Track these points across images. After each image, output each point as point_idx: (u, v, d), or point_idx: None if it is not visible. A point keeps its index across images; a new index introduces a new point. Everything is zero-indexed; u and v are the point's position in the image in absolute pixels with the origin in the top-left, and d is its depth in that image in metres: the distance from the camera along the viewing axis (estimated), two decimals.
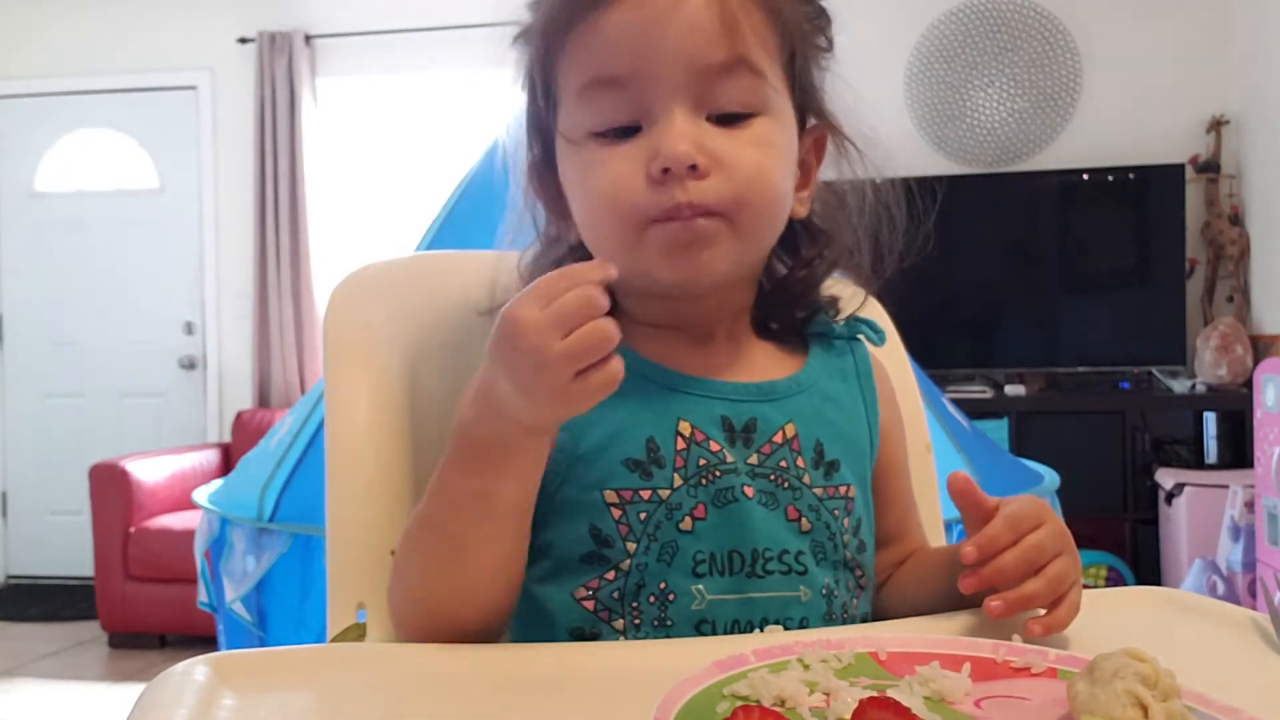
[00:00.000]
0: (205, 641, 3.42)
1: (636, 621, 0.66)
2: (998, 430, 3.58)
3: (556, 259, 0.75)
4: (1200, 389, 3.69)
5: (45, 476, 4.77)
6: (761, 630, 0.66)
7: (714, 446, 0.69)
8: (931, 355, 3.71)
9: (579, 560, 0.67)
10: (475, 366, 0.66)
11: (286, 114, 4.48)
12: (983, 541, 0.61)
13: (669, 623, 0.66)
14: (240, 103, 4.61)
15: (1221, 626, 0.61)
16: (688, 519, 0.67)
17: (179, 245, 4.73)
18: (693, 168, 0.64)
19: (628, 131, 0.67)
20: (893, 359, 0.89)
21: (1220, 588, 2.95)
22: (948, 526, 0.94)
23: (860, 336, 0.79)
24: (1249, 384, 3.45)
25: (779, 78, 0.70)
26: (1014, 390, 3.83)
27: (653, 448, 0.68)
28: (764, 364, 0.75)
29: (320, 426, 2.00)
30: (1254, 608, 0.91)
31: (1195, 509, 3.30)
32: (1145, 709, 0.43)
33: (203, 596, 2.35)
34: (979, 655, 0.54)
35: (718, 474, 0.68)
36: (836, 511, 0.71)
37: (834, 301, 0.79)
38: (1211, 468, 3.63)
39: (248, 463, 2.44)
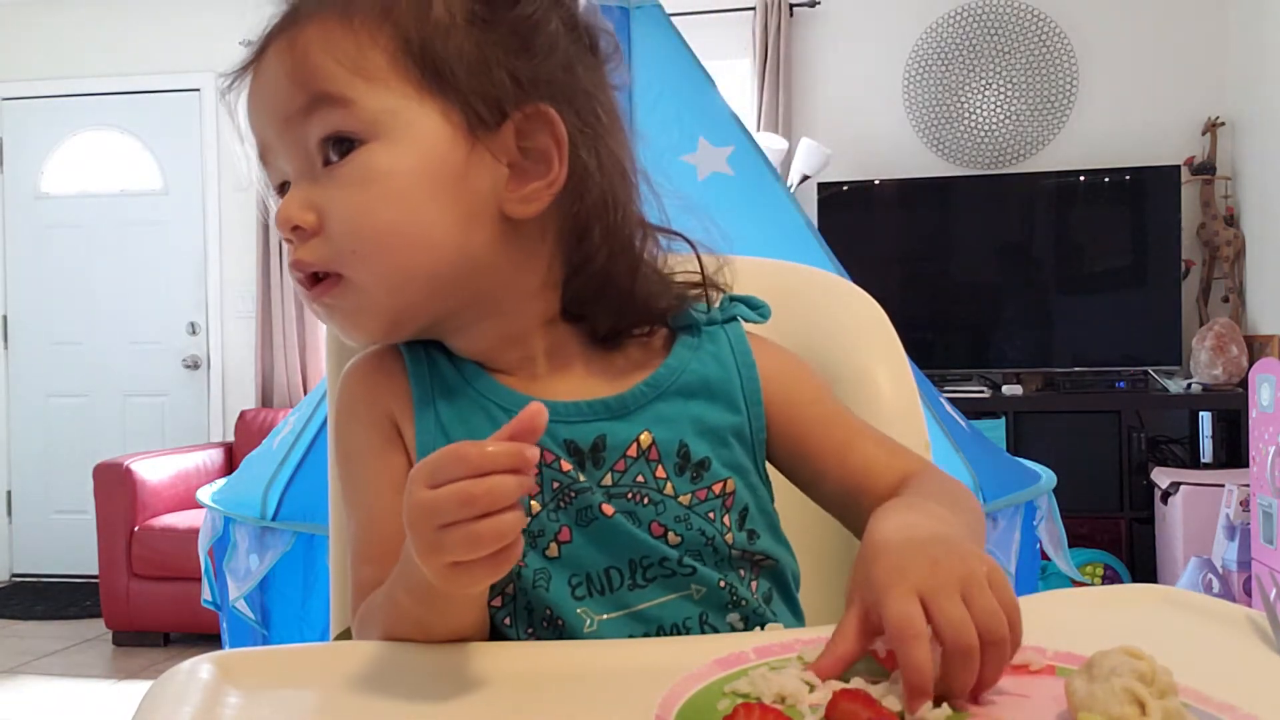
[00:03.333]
0: (209, 640, 3.43)
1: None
2: (995, 430, 3.60)
3: None
4: (1196, 389, 3.70)
5: (50, 475, 4.78)
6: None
7: (565, 466, 0.65)
8: (929, 355, 3.74)
9: None
10: None
11: None
12: (913, 681, 0.46)
13: None
14: None
15: (1218, 624, 0.61)
16: (553, 545, 0.65)
17: (183, 246, 4.74)
18: (296, 229, 0.63)
19: None
20: (890, 357, 0.89)
21: (1216, 586, 2.97)
22: None
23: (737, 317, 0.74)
24: (1244, 384, 3.48)
25: (405, 82, 0.62)
26: (1011, 390, 3.84)
27: None
28: (610, 376, 0.70)
29: (323, 426, 2.02)
30: (1249, 605, 0.91)
31: (1191, 508, 3.32)
32: (1143, 706, 0.43)
33: (206, 595, 2.34)
34: None
35: (574, 494, 0.65)
36: (712, 514, 0.67)
37: (690, 290, 0.72)
38: (1207, 467, 3.65)
39: (251, 462, 2.44)
